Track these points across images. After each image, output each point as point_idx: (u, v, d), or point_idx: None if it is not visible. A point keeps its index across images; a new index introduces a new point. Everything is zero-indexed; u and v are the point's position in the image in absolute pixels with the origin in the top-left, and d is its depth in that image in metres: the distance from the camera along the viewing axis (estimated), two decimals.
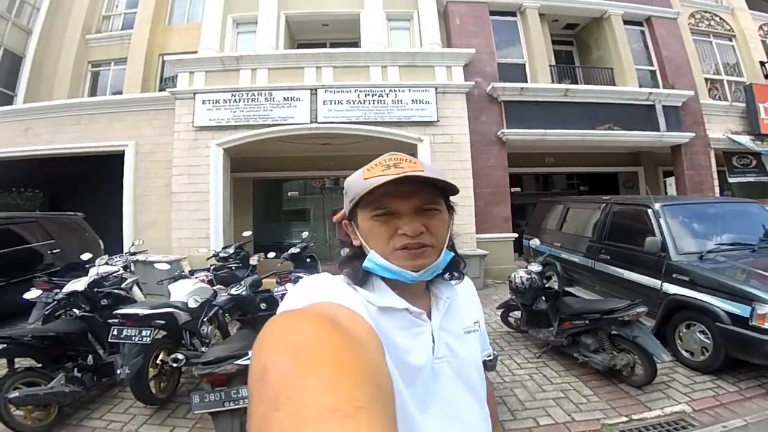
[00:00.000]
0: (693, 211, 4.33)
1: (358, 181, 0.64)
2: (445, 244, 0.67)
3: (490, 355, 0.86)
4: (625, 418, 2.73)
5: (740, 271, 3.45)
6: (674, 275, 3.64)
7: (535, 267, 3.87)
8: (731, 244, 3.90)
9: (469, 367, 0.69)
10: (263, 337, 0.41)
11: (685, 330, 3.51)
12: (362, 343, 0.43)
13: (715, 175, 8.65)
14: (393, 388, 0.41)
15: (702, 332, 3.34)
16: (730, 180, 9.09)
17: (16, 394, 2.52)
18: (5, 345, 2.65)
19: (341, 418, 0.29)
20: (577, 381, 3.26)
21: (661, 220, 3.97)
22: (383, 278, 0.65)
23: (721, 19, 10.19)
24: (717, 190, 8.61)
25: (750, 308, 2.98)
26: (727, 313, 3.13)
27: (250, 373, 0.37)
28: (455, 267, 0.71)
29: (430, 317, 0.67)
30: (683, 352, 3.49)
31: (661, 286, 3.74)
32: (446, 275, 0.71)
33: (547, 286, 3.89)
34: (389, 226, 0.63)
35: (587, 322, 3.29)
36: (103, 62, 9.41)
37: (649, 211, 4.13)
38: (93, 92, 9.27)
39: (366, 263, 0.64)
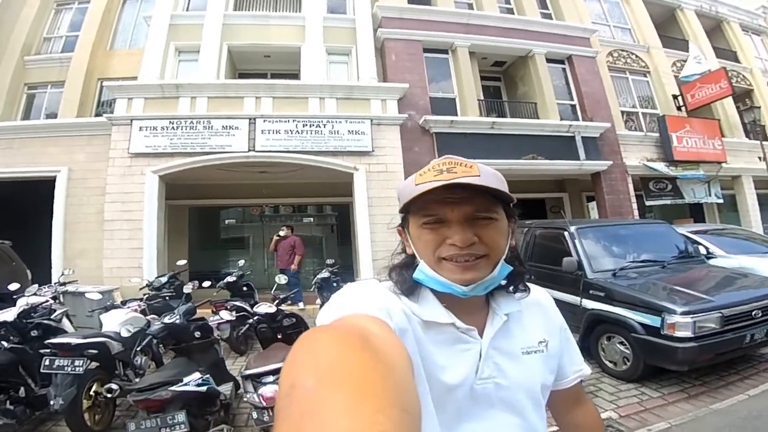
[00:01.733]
0: (606, 233, 4.65)
1: (409, 187, 0.61)
2: (504, 256, 0.62)
3: (579, 377, 0.78)
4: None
5: (651, 285, 3.73)
6: (591, 291, 3.93)
7: None
8: (642, 262, 4.22)
9: (519, 391, 0.63)
10: (293, 354, 0.40)
11: (606, 342, 3.76)
12: (390, 362, 0.42)
13: (634, 199, 9.38)
14: (420, 410, 0.39)
15: (621, 343, 3.59)
16: (648, 203, 9.89)
17: None
18: None
19: None
20: None
21: (576, 242, 4.31)
22: (433, 290, 0.62)
23: (637, 56, 11.26)
24: (636, 213, 9.31)
25: (660, 319, 3.26)
26: (641, 324, 3.39)
27: (279, 389, 0.37)
28: (519, 279, 0.67)
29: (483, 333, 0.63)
30: (607, 362, 3.72)
31: (581, 302, 4.02)
32: (510, 288, 0.66)
33: None
34: (438, 234, 0.60)
35: None
36: (39, 84, 9.15)
37: (566, 233, 4.47)
38: (27, 115, 8.98)
39: (416, 274, 0.62)
